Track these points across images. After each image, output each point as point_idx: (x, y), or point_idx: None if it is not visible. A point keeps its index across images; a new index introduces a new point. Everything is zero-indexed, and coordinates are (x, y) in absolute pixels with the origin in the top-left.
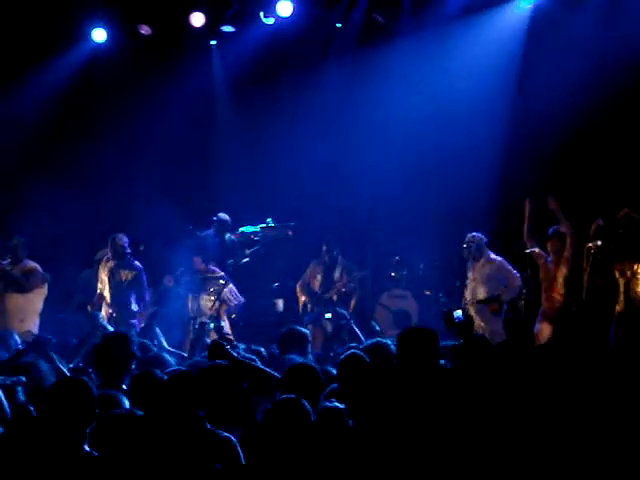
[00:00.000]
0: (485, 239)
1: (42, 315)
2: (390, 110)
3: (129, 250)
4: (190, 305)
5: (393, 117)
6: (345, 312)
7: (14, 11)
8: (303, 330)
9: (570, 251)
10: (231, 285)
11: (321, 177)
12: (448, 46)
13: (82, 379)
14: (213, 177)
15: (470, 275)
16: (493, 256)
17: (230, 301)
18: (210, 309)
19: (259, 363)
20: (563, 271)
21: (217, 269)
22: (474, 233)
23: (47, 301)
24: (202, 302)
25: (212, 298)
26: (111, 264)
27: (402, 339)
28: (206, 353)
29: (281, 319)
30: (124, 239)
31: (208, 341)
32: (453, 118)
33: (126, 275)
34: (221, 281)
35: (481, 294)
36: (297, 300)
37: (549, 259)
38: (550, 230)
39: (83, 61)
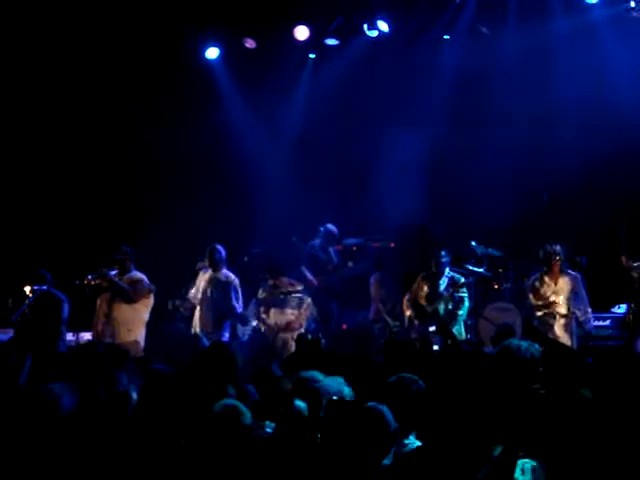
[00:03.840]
0: (563, 252)
1: (148, 325)
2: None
3: (224, 260)
4: (274, 319)
5: (505, 127)
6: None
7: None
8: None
9: None
10: (309, 299)
11: (426, 188)
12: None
13: None
14: (315, 188)
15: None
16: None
17: (307, 315)
18: (294, 322)
19: None
20: None
21: (296, 282)
22: (554, 245)
23: (153, 311)
24: (286, 317)
25: (294, 312)
26: (210, 274)
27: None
28: None
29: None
30: (221, 250)
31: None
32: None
33: (222, 285)
34: (301, 294)
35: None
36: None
37: None
38: None
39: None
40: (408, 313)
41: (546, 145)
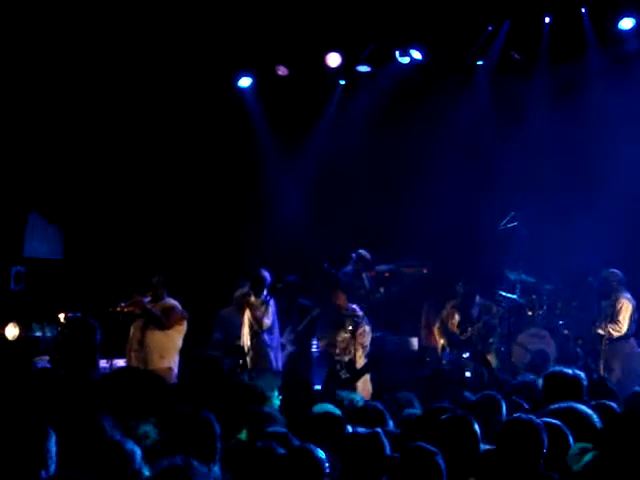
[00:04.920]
0: (620, 276)
1: (182, 352)
2: (537, 145)
3: (268, 286)
4: (327, 340)
5: (538, 156)
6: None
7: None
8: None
9: None
10: (367, 326)
11: (458, 214)
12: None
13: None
14: (347, 214)
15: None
16: (625, 295)
17: (363, 342)
18: (342, 343)
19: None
20: None
21: (357, 308)
22: (610, 269)
23: (187, 338)
24: (338, 337)
25: (347, 335)
26: (251, 300)
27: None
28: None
29: (414, 358)
30: (266, 275)
31: (342, 376)
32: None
33: (261, 311)
34: (358, 319)
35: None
36: (436, 340)
37: None
38: None
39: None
40: (442, 341)
41: (579, 168)
